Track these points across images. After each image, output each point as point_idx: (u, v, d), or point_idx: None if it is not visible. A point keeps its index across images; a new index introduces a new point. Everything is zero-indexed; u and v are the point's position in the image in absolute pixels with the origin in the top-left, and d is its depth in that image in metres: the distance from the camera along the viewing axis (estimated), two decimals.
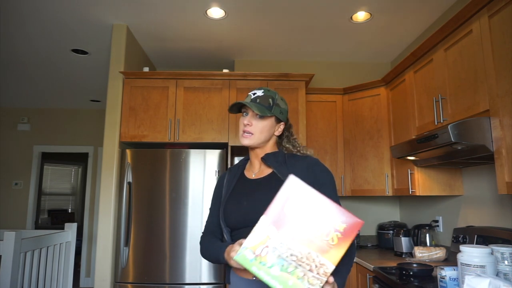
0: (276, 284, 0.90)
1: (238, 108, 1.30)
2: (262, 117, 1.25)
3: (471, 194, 2.30)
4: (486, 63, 1.67)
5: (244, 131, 1.26)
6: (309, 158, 1.28)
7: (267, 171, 1.29)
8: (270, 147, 1.31)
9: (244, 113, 1.28)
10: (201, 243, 1.33)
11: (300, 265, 0.90)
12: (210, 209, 1.39)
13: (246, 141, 1.26)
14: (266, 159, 1.27)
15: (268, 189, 1.21)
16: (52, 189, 8.09)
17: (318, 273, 0.90)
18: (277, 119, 1.29)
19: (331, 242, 0.90)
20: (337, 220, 0.91)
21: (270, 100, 1.26)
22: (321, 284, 0.90)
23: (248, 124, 1.25)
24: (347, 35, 3.02)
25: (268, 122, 1.26)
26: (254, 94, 1.27)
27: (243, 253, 0.92)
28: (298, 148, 1.35)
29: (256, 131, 1.25)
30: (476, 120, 1.67)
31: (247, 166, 1.37)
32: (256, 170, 1.32)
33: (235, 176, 1.34)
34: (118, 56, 2.84)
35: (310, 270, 0.90)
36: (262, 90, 1.27)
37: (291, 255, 0.90)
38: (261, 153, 1.30)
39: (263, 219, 0.92)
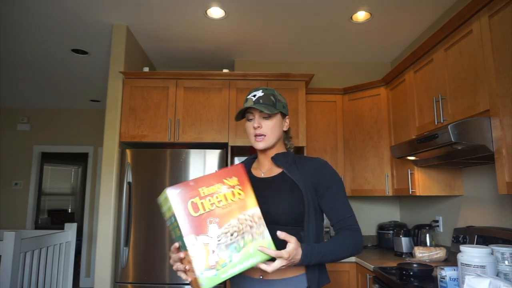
0: (247, 264, 0.96)
1: (241, 115, 1.30)
2: (269, 116, 1.24)
3: (471, 194, 2.30)
4: (486, 63, 1.67)
5: (256, 135, 1.25)
6: (318, 159, 1.28)
7: (277, 170, 1.29)
8: (279, 145, 1.32)
9: (250, 118, 1.26)
10: None
11: (243, 233, 0.98)
12: None
13: (261, 145, 1.25)
14: (276, 159, 1.28)
15: (278, 188, 1.23)
16: (52, 189, 8.09)
17: (255, 222, 1.00)
18: (282, 114, 1.30)
19: (241, 197, 1.01)
20: (227, 181, 1.01)
21: (272, 97, 1.26)
22: (264, 227, 1.02)
23: (259, 127, 1.24)
24: (347, 35, 3.02)
25: (276, 120, 1.26)
26: (254, 96, 1.25)
27: (206, 277, 0.90)
28: (288, 147, 1.37)
29: (268, 132, 1.24)
30: (476, 120, 1.67)
31: (254, 165, 1.38)
32: (265, 169, 1.32)
33: None
34: (118, 56, 2.84)
35: (251, 227, 0.99)
36: (261, 90, 1.26)
37: (231, 234, 0.96)
38: (271, 152, 1.31)
39: (187, 240, 0.91)
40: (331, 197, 1.21)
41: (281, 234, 1.02)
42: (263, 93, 1.25)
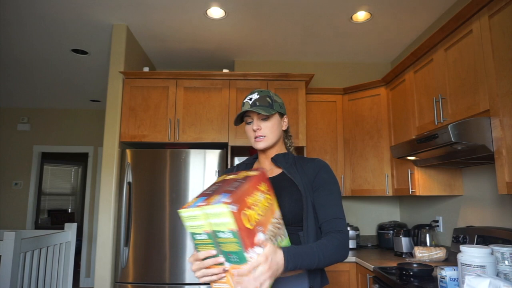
0: None
1: (240, 119, 1.32)
2: (267, 117, 1.27)
3: (471, 194, 2.30)
4: (486, 63, 1.67)
5: (256, 137, 1.27)
6: (318, 160, 1.30)
7: (277, 171, 1.31)
8: (279, 145, 1.34)
9: (249, 122, 1.29)
10: None
11: (277, 236, 1.04)
12: None
13: (261, 145, 1.27)
14: (276, 160, 1.30)
15: (278, 188, 1.24)
16: (52, 189, 8.09)
17: (280, 224, 1.08)
18: (280, 114, 1.32)
19: (271, 202, 1.06)
20: (260, 187, 1.02)
21: (268, 98, 1.28)
22: (284, 226, 1.11)
23: (258, 129, 1.26)
24: (347, 35, 3.02)
25: (275, 120, 1.29)
26: (250, 99, 1.27)
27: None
28: (288, 146, 1.39)
29: (267, 132, 1.27)
30: (476, 120, 1.67)
31: (255, 165, 1.40)
32: (266, 170, 1.33)
33: None
34: (118, 56, 2.84)
35: (279, 228, 1.07)
36: (256, 93, 1.29)
37: (270, 239, 1.00)
38: (271, 153, 1.33)
39: (249, 254, 0.89)
40: (323, 195, 1.22)
41: (259, 239, 0.95)
42: (258, 96, 1.27)
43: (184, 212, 0.89)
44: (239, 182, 0.98)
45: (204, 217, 0.88)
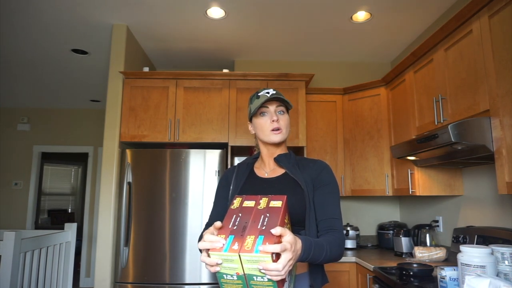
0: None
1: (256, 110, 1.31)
2: (283, 112, 1.29)
3: (471, 194, 2.30)
4: (486, 63, 1.67)
5: (274, 128, 1.26)
6: (319, 162, 1.31)
7: (280, 171, 1.31)
8: (284, 144, 1.36)
9: (264, 113, 1.29)
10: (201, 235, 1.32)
11: None
12: (215, 202, 1.37)
13: (278, 138, 1.27)
14: (279, 160, 1.30)
15: (282, 188, 1.25)
16: (52, 189, 8.09)
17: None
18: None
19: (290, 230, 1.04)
20: (285, 220, 0.99)
21: (282, 96, 1.30)
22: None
23: (278, 120, 1.26)
24: (347, 35, 3.02)
25: (289, 116, 1.32)
26: (268, 93, 1.28)
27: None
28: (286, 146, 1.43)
29: (283, 126, 1.28)
30: (476, 120, 1.67)
31: (257, 164, 1.39)
32: (269, 170, 1.33)
33: (244, 173, 1.35)
34: (118, 56, 2.84)
35: None
36: (272, 89, 1.30)
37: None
38: (276, 151, 1.33)
39: None
40: (323, 194, 1.23)
41: (276, 231, 0.88)
42: (275, 91, 1.29)
43: (218, 256, 0.86)
44: (267, 216, 0.94)
45: (240, 262, 0.85)
